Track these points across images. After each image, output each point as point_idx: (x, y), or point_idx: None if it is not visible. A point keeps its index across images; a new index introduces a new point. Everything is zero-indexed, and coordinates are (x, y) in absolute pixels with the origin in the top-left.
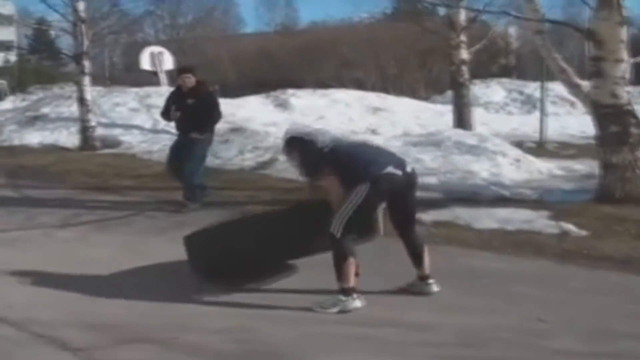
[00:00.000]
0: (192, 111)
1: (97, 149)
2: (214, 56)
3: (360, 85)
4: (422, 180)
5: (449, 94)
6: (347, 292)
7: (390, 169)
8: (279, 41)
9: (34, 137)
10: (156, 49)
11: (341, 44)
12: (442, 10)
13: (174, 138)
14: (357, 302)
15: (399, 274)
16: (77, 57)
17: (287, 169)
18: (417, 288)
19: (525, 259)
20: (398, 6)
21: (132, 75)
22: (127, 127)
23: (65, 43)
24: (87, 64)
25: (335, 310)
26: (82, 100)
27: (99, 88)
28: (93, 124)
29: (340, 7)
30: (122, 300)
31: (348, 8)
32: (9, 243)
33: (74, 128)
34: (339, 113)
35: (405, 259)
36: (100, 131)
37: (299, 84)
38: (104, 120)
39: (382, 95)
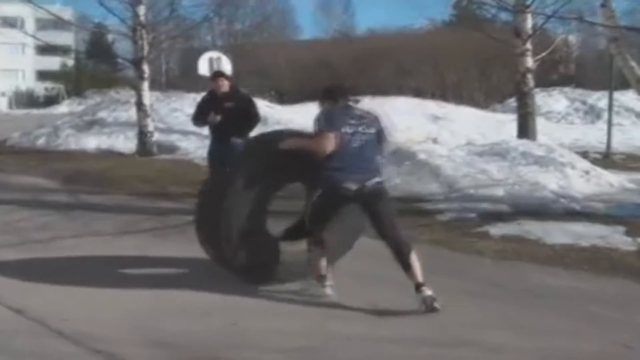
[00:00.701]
0: (231, 115)
1: (154, 154)
2: (270, 62)
3: (418, 93)
4: (488, 191)
5: (509, 102)
6: (318, 279)
7: (346, 184)
8: (337, 48)
9: (90, 142)
10: (214, 54)
11: (399, 51)
12: (505, 17)
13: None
14: (327, 290)
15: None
16: (137, 62)
17: None
18: (417, 301)
19: (602, 277)
20: (458, 13)
21: (188, 81)
22: (184, 132)
23: (122, 48)
24: (146, 69)
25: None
26: (140, 105)
27: (157, 93)
28: (151, 129)
29: (398, 14)
30: (184, 316)
31: (406, 15)
32: (65, 250)
33: (131, 133)
34: (398, 121)
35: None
36: (157, 137)
37: (356, 92)
38: (161, 125)
39: (442, 103)
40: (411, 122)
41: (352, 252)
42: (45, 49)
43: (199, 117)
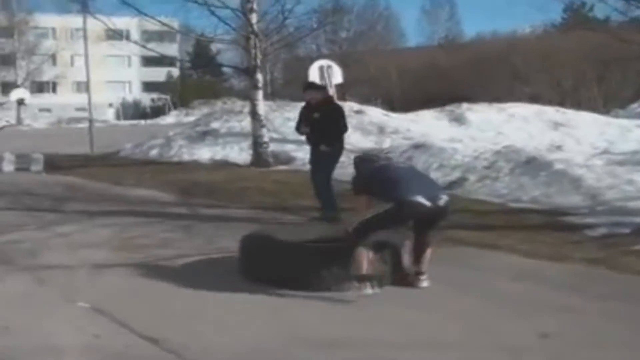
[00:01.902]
0: (319, 124)
1: (270, 165)
2: (377, 70)
3: (534, 99)
4: (634, 204)
5: (633, 108)
6: (360, 279)
7: (419, 199)
8: (446, 54)
9: (204, 153)
10: (325, 62)
11: (512, 56)
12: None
13: (345, 154)
14: (368, 290)
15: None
16: (250, 71)
17: (478, 190)
18: (410, 279)
19: None
20: (570, 15)
21: (291, 90)
22: (300, 143)
23: (226, 59)
24: (259, 77)
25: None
26: (254, 115)
27: (269, 103)
28: (266, 139)
29: (504, 19)
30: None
31: (513, 20)
32: (194, 270)
33: (245, 143)
34: (518, 128)
35: None
36: (272, 147)
37: (468, 98)
38: (275, 135)
39: (561, 109)
40: (531, 129)
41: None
42: (150, 61)
43: (298, 126)
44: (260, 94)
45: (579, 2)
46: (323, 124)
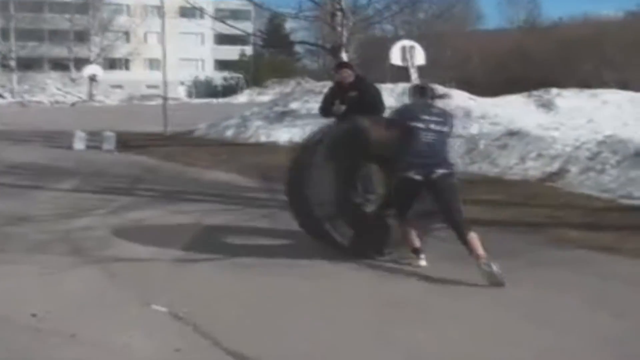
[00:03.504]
0: (355, 104)
1: None
2: (455, 52)
3: (624, 85)
4: None
5: None
6: (413, 252)
7: (409, 174)
8: (530, 38)
9: (282, 134)
10: (407, 42)
11: (602, 41)
12: None
13: None
14: (422, 262)
15: None
16: (335, 50)
17: (581, 183)
18: (481, 271)
19: None
20: None
21: (367, 70)
22: None
23: (300, 37)
24: (345, 56)
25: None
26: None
27: None
28: None
29: (586, 3)
30: None
31: (595, 4)
32: (290, 270)
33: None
34: (611, 116)
35: None
36: None
37: (553, 83)
38: None
39: None
40: (625, 117)
41: None
42: (224, 39)
43: (325, 107)
44: None
45: None
46: (362, 102)
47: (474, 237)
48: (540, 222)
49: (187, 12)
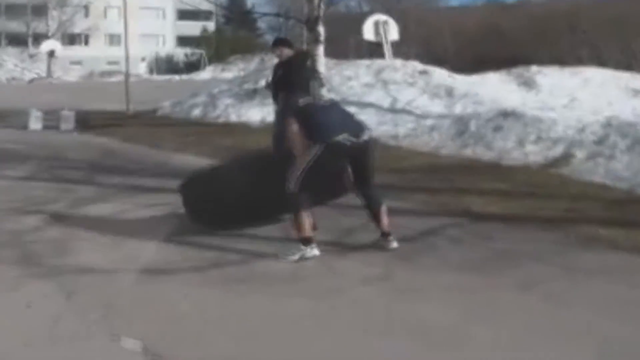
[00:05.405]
0: (282, 83)
1: None
2: (423, 28)
3: (601, 62)
4: None
5: None
6: (305, 241)
7: (341, 137)
8: (502, 14)
9: (254, 114)
10: (381, 17)
11: (579, 17)
12: None
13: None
14: (314, 251)
15: None
16: (311, 23)
17: (591, 170)
18: (379, 243)
19: None
20: None
21: (331, 47)
22: (362, 105)
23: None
24: (322, 30)
25: (296, 257)
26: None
27: (325, 60)
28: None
29: None
30: None
31: None
32: (282, 280)
33: None
34: (593, 95)
35: None
36: None
37: (529, 60)
38: (334, 96)
39: (637, 75)
40: (608, 96)
41: None
42: (185, 15)
43: (266, 85)
44: (321, 49)
45: None
46: (287, 81)
47: (384, 210)
48: (559, 216)
49: None
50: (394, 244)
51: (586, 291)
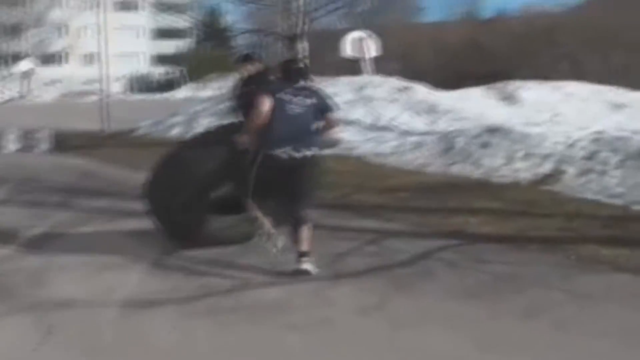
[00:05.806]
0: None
1: None
2: (401, 44)
3: (581, 76)
4: None
5: None
6: (269, 235)
7: (279, 151)
8: (480, 30)
9: None
10: (361, 34)
11: (558, 31)
12: None
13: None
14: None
15: None
16: (292, 39)
17: (582, 186)
18: (293, 265)
19: None
20: None
21: (316, 64)
22: (345, 122)
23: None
24: (302, 47)
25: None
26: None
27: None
28: None
29: None
30: None
31: None
32: (283, 316)
33: None
34: (577, 110)
35: None
36: None
37: (509, 75)
38: None
39: (619, 89)
40: (592, 110)
41: None
42: (161, 33)
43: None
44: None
45: None
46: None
47: (307, 230)
48: (557, 236)
49: (124, 6)
50: (305, 266)
51: (597, 318)
